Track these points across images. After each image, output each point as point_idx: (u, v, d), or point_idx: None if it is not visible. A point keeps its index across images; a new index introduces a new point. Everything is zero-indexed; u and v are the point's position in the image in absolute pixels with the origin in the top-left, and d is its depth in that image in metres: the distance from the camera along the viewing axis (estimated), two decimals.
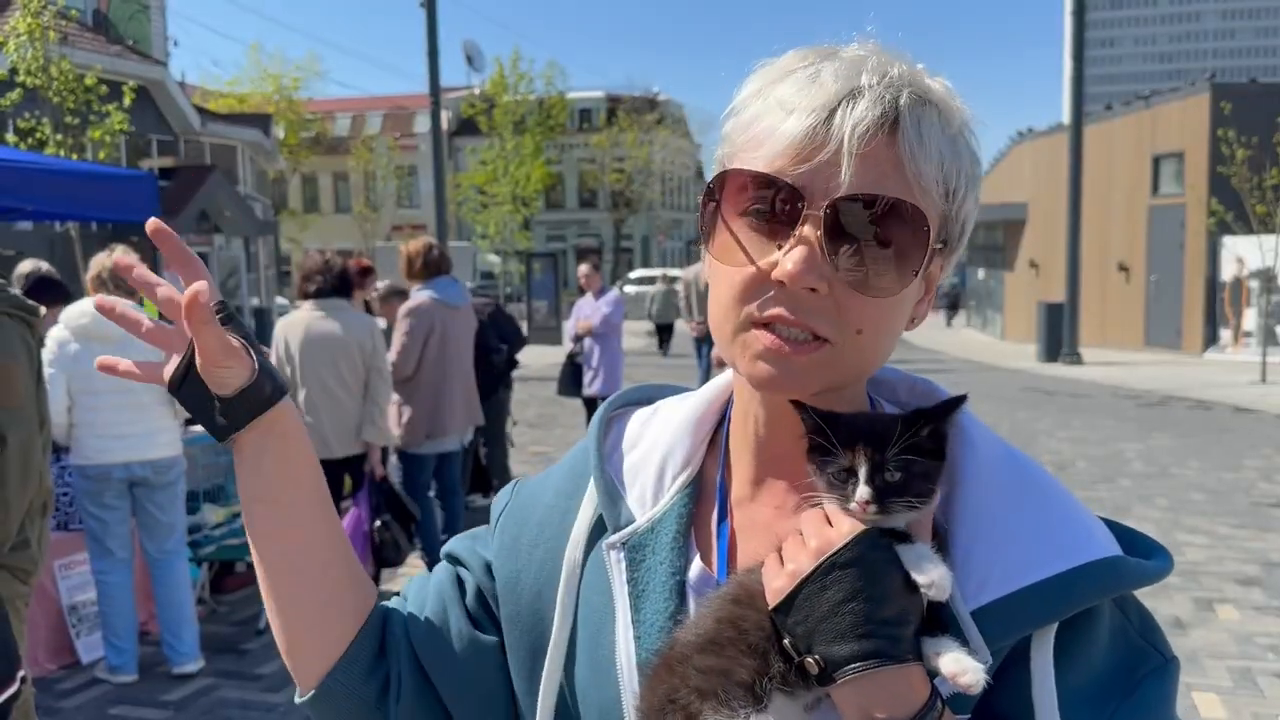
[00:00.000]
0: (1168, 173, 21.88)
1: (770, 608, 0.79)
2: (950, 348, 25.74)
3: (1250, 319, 19.43)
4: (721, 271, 0.87)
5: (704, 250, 0.90)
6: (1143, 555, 0.87)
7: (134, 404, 4.84)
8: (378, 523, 5.52)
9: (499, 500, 1.10)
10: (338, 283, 5.68)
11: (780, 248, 0.82)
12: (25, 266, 5.92)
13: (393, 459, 6.37)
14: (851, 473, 0.79)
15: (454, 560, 1.10)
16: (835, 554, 0.78)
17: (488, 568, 1.06)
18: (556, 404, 13.49)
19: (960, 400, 0.85)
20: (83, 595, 5.36)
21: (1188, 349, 21.01)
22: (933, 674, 0.78)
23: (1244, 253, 19.04)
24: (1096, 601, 0.83)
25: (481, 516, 7.40)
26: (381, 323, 6.51)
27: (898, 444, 0.79)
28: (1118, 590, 0.84)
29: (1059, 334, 20.26)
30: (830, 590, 0.77)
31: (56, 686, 5.03)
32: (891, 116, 0.81)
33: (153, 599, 5.26)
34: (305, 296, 5.70)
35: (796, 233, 0.81)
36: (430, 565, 6.32)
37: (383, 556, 5.55)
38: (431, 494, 6.50)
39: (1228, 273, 19.87)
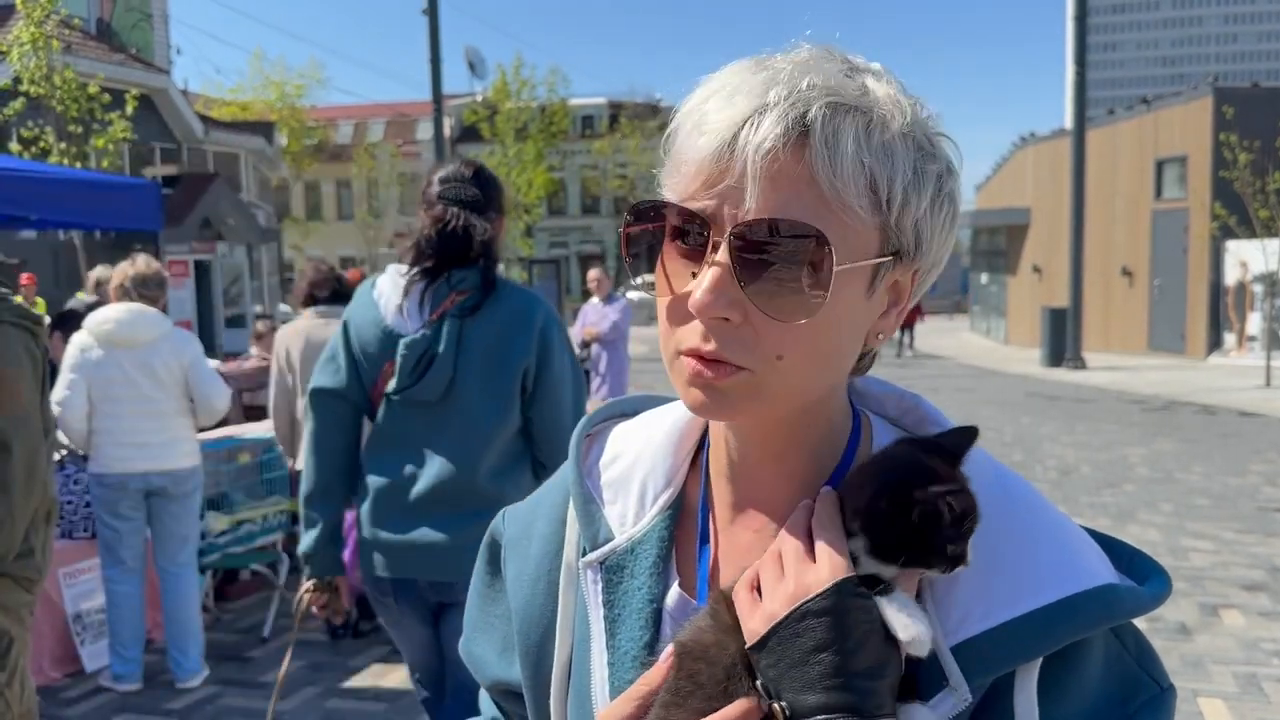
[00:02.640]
0: (1171, 177, 21.88)
1: (748, 646, 0.78)
2: (954, 353, 25.72)
3: (1254, 323, 19.40)
4: (659, 301, 0.86)
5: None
6: (1140, 576, 0.85)
7: (155, 413, 4.82)
8: None
9: (496, 531, 1.09)
10: (338, 290, 5.71)
11: (695, 276, 0.80)
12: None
13: None
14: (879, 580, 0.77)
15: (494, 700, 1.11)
16: (810, 601, 0.75)
17: (505, 692, 1.06)
18: None
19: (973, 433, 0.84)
20: (88, 603, 5.36)
21: (1191, 353, 21.00)
22: None
23: (1247, 257, 19.02)
24: (1085, 635, 0.80)
25: None
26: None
27: (947, 559, 0.77)
28: (1108, 623, 0.80)
29: (1062, 339, 20.25)
30: (803, 638, 0.75)
31: (61, 695, 5.03)
32: (798, 131, 0.77)
33: (160, 609, 5.27)
34: (307, 304, 5.72)
35: (707, 260, 0.79)
36: None
37: None
38: None
39: (1231, 277, 19.85)
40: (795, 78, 0.79)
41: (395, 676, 5.21)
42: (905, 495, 0.76)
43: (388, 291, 3.01)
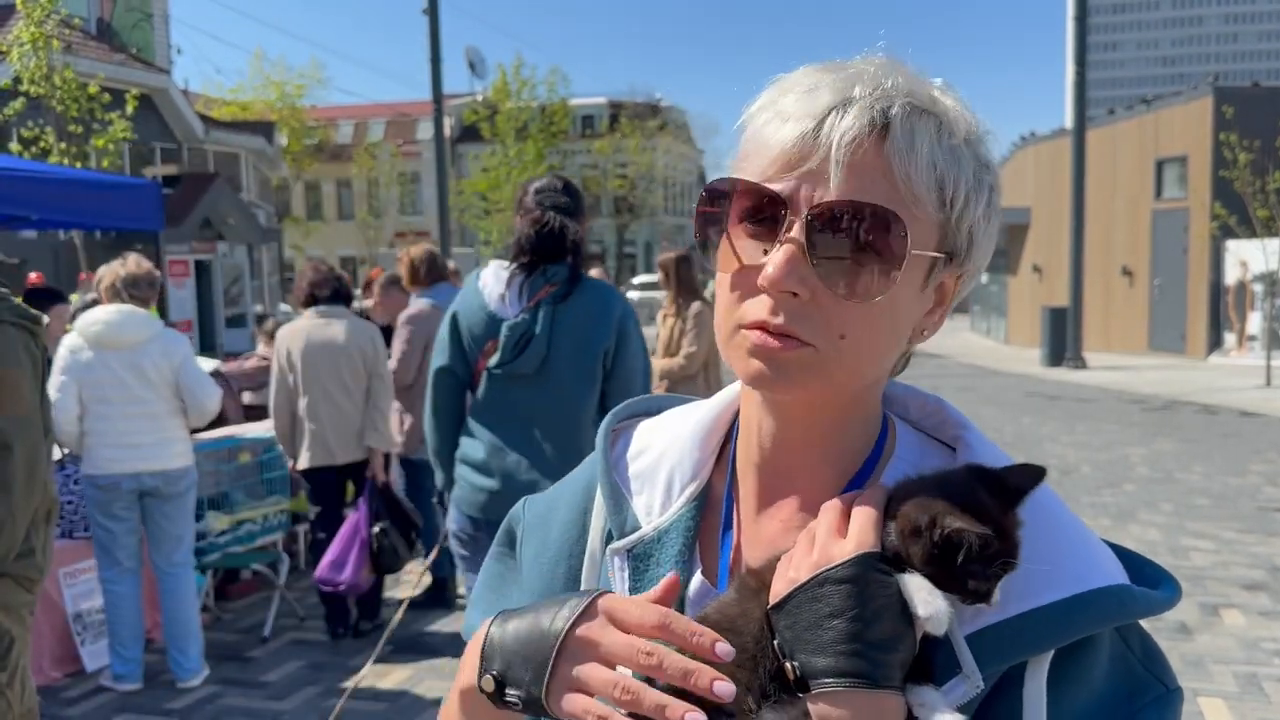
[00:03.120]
0: (1171, 176, 21.86)
1: (769, 606, 0.80)
2: (954, 352, 25.73)
3: (1254, 323, 19.39)
4: (720, 277, 0.89)
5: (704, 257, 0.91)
6: (1150, 584, 0.86)
7: (147, 414, 4.83)
8: (376, 528, 5.51)
9: (514, 518, 1.11)
10: (338, 290, 5.77)
11: (767, 252, 0.84)
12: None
13: (395, 466, 6.38)
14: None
15: None
16: (831, 569, 0.78)
17: None
18: None
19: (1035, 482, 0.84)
20: (88, 603, 5.36)
21: (1192, 353, 20.98)
22: None
23: (1247, 256, 19.01)
24: (1098, 630, 0.82)
25: None
26: (371, 305, 6.52)
27: (1004, 570, 0.79)
28: (1121, 620, 0.83)
29: (1063, 338, 20.24)
30: (820, 603, 0.77)
31: (62, 695, 5.03)
32: (880, 124, 0.82)
33: (159, 609, 5.27)
34: (308, 304, 5.73)
35: (781, 238, 0.83)
36: (434, 573, 6.32)
37: (380, 563, 5.54)
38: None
39: (1231, 277, 19.84)
40: (880, 77, 0.84)
41: (396, 676, 5.21)
42: (936, 518, 0.78)
43: (491, 283, 3.60)
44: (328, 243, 51.05)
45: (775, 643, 0.79)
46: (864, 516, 0.81)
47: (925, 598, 0.77)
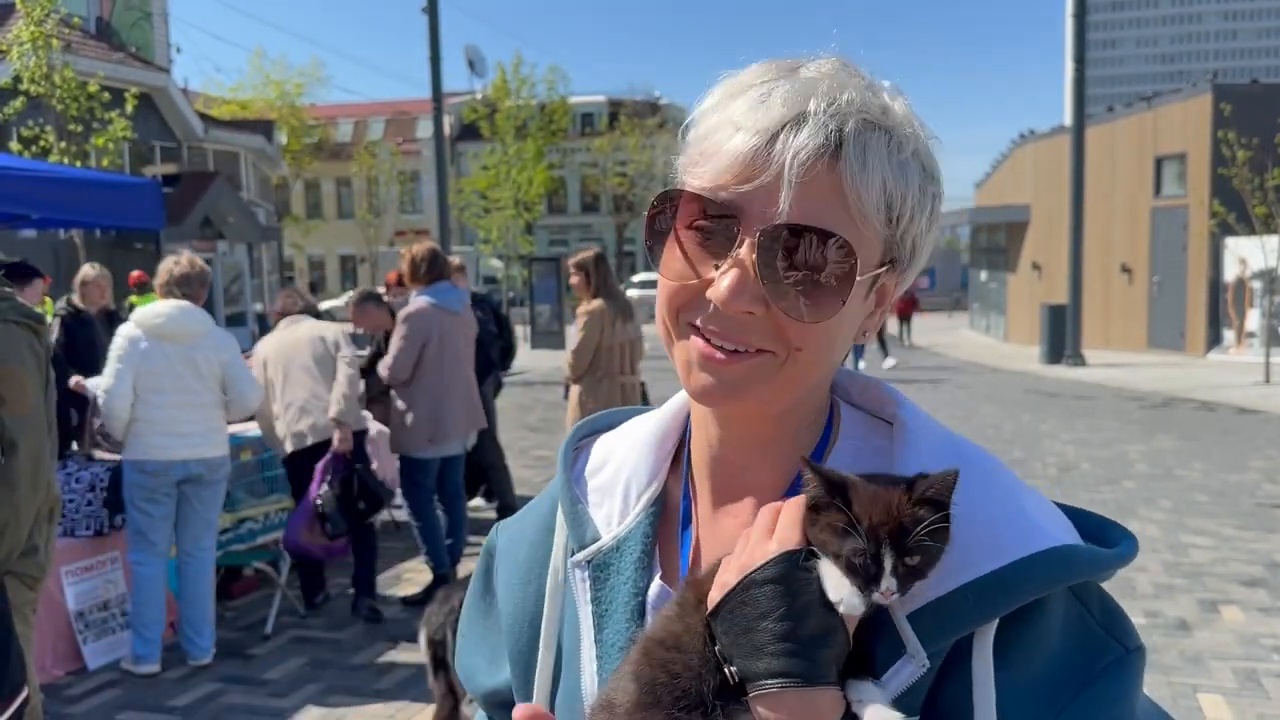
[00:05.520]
0: (1170, 174, 21.88)
1: (707, 614, 0.81)
2: (953, 350, 25.73)
3: (1253, 320, 19.41)
4: (664, 282, 0.89)
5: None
6: (1110, 543, 0.86)
7: (195, 404, 5.11)
8: (320, 496, 5.73)
9: (489, 545, 1.12)
10: (305, 309, 6.27)
11: (717, 266, 0.84)
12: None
13: (383, 451, 6.47)
14: (875, 559, 0.77)
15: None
16: (756, 570, 0.79)
17: (498, 703, 1.08)
18: (560, 408, 13.49)
19: (954, 477, 0.80)
20: (90, 601, 5.38)
21: (1191, 350, 21.00)
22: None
23: (1246, 253, 19.03)
24: (1042, 593, 0.81)
25: (479, 522, 7.39)
26: (349, 328, 6.72)
27: (922, 530, 0.78)
28: (1066, 580, 0.82)
29: (1062, 336, 20.25)
30: (749, 606, 0.78)
31: (64, 692, 5.04)
32: (834, 144, 0.81)
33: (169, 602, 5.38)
34: (279, 318, 6.23)
35: (733, 255, 0.83)
36: (434, 570, 6.33)
37: (323, 528, 5.77)
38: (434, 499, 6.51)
39: (1230, 274, 19.86)
40: (834, 91, 0.83)
41: (396, 676, 5.22)
42: (820, 508, 0.80)
43: None
44: (327, 241, 51.04)
45: (715, 649, 0.80)
46: (788, 515, 0.82)
47: (835, 583, 0.77)
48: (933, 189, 0.88)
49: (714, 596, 0.81)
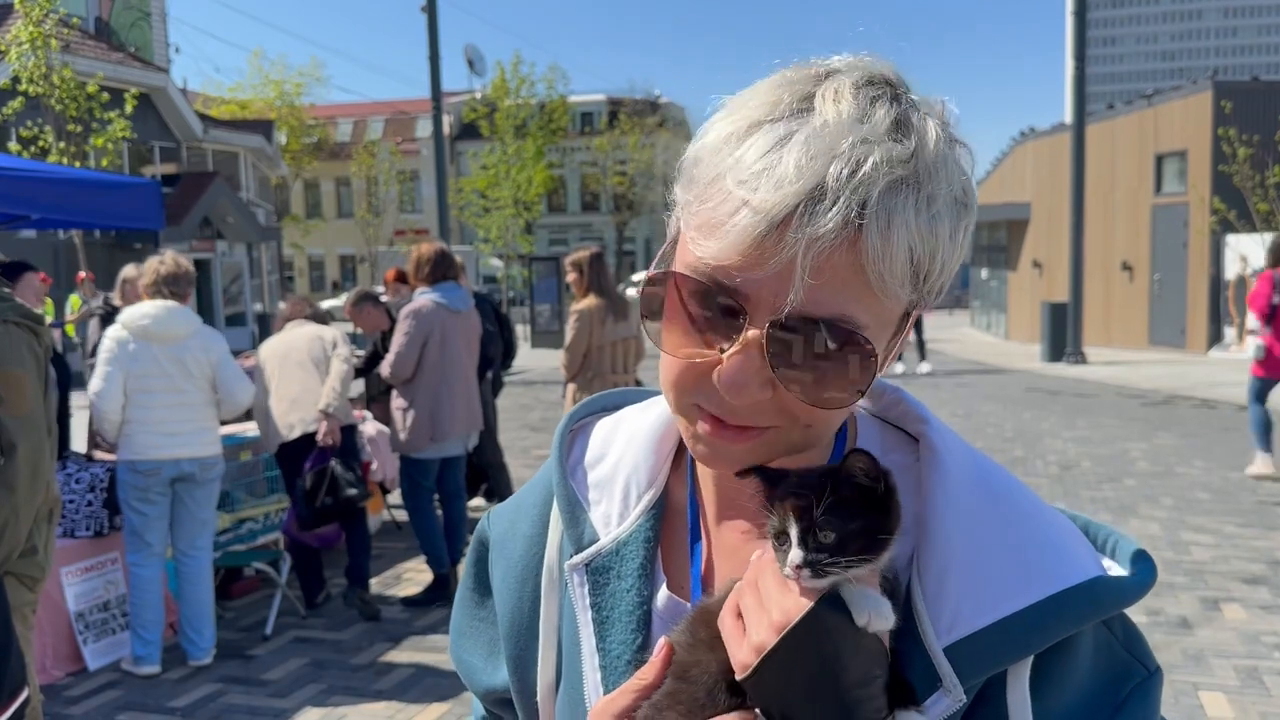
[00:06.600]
0: (1171, 171, 21.87)
1: (739, 678, 0.77)
2: (954, 348, 25.73)
3: (1254, 317, 19.39)
4: (668, 359, 0.84)
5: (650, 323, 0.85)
6: (1120, 559, 0.85)
7: (185, 403, 5.11)
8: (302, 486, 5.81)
9: (482, 534, 1.07)
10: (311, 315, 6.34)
11: (723, 350, 0.78)
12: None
13: (384, 449, 6.45)
14: (786, 536, 0.76)
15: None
16: (793, 628, 0.73)
17: (497, 700, 1.06)
18: (560, 408, 13.49)
19: (858, 453, 0.77)
20: (90, 602, 5.38)
21: (1192, 348, 20.99)
22: None
23: (1247, 251, 19.01)
24: (1072, 631, 0.80)
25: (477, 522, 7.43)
26: (349, 327, 6.75)
27: (824, 504, 0.75)
28: (1096, 618, 0.81)
29: (1063, 334, 20.24)
30: (798, 669, 0.73)
31: (64, 693, 5.04)
32: (855, 223, 0.73)
33: (169, 603, 5.38)
34: (284, 323, 6.28)
35: (740, 339, 0.77)
36: (434, 570, 6.32)
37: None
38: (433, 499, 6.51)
39: (1231, 271, 19.84)
40: (857, 151, 0.74)
41: (396, 675, 5.22)
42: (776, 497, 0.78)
43: None
44: (327, 241, 51.09)
45: (757, 711, 0.77)
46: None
47: (857, 605, 0.74)
48: (966, 221, 0.80)
49: (747, 661, 0.76)
